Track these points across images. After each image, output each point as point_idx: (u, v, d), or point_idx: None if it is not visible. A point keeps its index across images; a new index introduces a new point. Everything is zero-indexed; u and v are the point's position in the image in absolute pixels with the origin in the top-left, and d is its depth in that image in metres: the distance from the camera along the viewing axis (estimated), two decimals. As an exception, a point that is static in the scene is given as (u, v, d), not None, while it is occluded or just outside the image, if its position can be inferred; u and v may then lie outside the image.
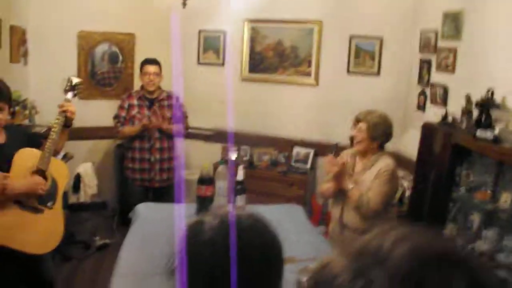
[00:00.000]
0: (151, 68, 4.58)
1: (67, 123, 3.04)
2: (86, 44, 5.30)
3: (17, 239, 2.82)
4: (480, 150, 3.27)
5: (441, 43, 4.31)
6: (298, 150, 5.32)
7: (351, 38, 5.09)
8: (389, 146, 3.45)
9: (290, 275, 2.03)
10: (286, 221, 3.39)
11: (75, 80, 3.17)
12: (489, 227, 3.21)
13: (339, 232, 3.27)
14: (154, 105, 4.62)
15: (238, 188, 3.39)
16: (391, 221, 3.38)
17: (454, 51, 4.09)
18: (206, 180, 3.39)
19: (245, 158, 5.33)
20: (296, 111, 5.38)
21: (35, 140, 3.05)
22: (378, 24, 5.00)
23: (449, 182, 3.54)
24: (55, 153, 3.08)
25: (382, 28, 5.00)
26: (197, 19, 5.55)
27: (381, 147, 3.28)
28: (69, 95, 3.11)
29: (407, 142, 4.72)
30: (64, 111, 3.00)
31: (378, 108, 4.98)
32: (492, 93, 3.28)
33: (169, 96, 4.71)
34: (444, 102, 4.17)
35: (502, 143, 3.02)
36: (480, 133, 3.18)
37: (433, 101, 4.36)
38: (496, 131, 3.12)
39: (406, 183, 4.46)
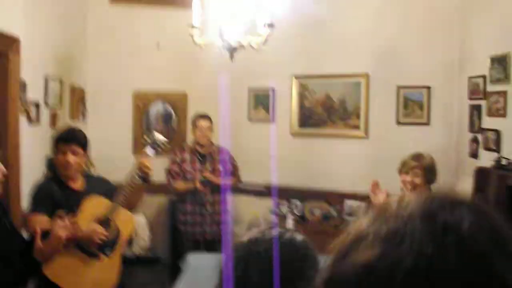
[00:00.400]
0: (204, 123, 4.71)
1: (144, 178, 3.06)
2: (141, 103, 5.53)
3: (71, 280, 2.84)
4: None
5: (490, 88, 4.25)
6: (349, 203, 5.23)
7: (398, 89, 5.10)
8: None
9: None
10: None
11: (160, 138, 3.17)
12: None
13: None
14: (207, 159, 4.69)
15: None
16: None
17: (504, 94, 4.02)
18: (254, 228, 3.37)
19: (296, 213, 5.29)
20: (346, 163, 5.33)
21: (113, 192, 3.06)
22: (425, 73, 5.00)
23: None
24: (131, 207, 3.12)
25: (429, 77, 4.99)
26: (246, 76, 5.69)
27: (429, 190, 3.21)
28: (149, 150, 3.11)
29: (461, 191, 4.57)
30: (140, 166, 3.02)
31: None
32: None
33: (220, 150, 4.79)
34: (498, 146, 4.05)
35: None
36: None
37: (486, 147, 4.25)
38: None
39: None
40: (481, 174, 3.76)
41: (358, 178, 5.26)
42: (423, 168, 3.14)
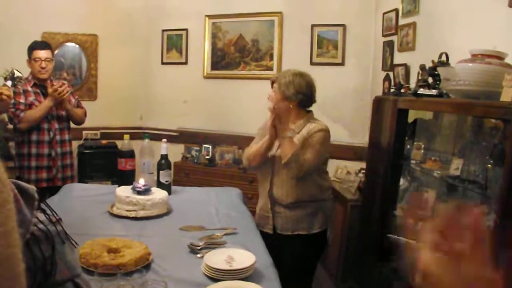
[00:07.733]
0: (43, 53, 3.60)
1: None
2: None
3: None
4: (420, 108, 2.82)
5: (402, 21, 3.84)
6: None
7: (313, 27, 4.62)
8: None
9: (188, 240, 2.15)
10: (215, 199, 3.06)
11: (17, 73, 3.32)
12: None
13: (271, 208, 2.78)
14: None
15: (162, 163, 2.95)
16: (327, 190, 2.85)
17: (413, 26, 3.62)
18: (126, 153, 2.96)
19: (207, 157, 4.84)
20: (258, 106, 4.86)
21: None
22: (341, 11, 4.53)
23: (398, 154, 3.01)
24: None
25: (344, 15, 4.52)
26: (159, 19, 5.17)
27: (307, 112, 2.81)
28: (9, 83, 3.20)
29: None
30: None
31: (346, 99, 4.53)
32: (447, 57, 2.78)
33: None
34: (407, 81, 3.66)
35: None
36: (422, 91, 2.68)
37: (395, 83, 3.84)
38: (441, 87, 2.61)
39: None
40: (378, 102, 3.41)
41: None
42: (279, 84, 2.75)
